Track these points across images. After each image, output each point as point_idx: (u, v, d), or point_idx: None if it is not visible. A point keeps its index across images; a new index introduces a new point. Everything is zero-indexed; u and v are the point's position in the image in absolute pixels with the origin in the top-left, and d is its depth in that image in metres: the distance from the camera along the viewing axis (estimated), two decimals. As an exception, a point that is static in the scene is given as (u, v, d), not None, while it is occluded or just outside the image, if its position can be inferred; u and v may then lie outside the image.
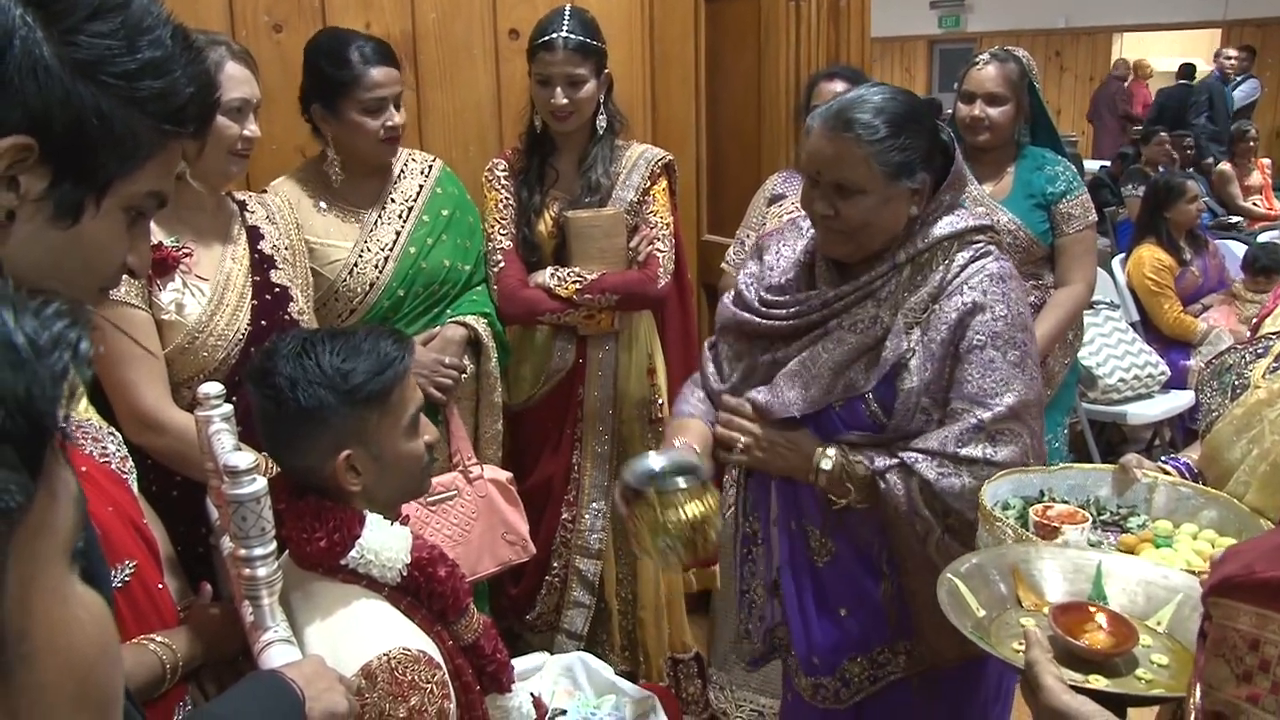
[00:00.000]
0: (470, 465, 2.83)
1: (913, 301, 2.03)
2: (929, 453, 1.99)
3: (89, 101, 1.00)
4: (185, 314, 2.23)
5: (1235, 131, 8.60)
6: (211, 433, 1.80)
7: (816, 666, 2.26)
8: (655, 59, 3.58)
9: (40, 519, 0.59)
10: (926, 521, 2.02)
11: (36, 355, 0.59)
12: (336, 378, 1.67)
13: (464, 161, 3.24)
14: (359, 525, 1.68)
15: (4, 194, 0.98)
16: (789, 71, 3.43)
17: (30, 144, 0.97)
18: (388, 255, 2.77)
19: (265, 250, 2.43)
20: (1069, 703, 1.26)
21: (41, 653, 0.59)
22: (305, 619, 1.68)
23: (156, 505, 2.00)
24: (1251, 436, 1.77)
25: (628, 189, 3.02)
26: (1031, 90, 3.44)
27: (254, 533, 1.54)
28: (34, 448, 0.58)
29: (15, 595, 0.57)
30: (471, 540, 2.78)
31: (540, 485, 3.13)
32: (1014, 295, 2.02)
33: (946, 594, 1.60)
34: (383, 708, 1.54)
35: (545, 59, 2.90)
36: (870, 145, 1.95)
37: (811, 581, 2.25)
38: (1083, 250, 3.45)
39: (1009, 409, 1.97)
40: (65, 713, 0.61)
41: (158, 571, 1.75)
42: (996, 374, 1.97)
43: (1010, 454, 1.97)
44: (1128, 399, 5.00)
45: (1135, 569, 1.62)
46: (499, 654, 1.85)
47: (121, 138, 1.03)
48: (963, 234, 2.06)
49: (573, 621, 3.17)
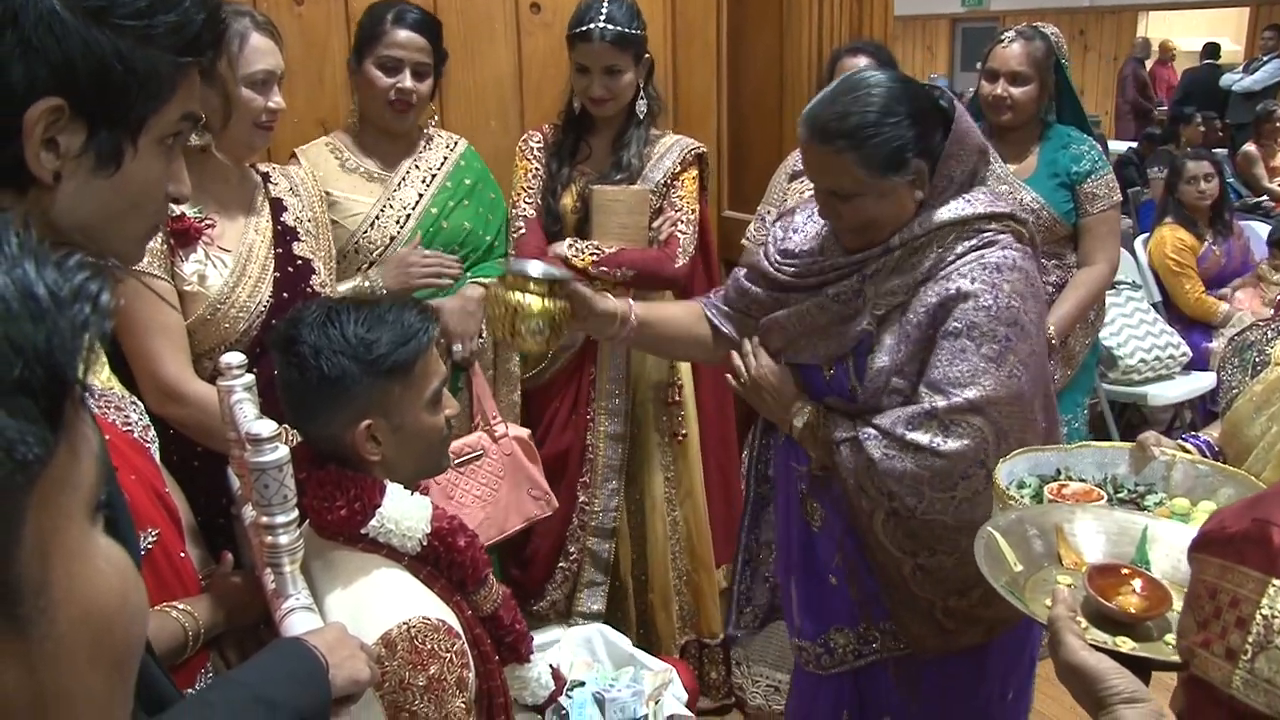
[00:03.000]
0: (495, 424, 2.85)
1: (894, 284, 2.02)
2: (879, 430, 1.98)
3: (108, 47, 1.00)
4: (207, 285, 2.25)
5: (1261, 112, 8.50)
6: (234, 402, 1.81)
7: (801, 629, 2.29)
8: (677, 34, 3.56)
9: (61, 473, 0.59)
10: (872, 500, 2.02)
11: (57, 306, 0.58)
12: (360, 347, 1.68)
13: (485, 136, 3.24)
14: (379, 495, 1.69)
15: (47, 157, 0.99)
16: (811, 48, 3.41)
17: (60, 104, 0.98)
18: (409, 213, 2.81)
19: (288, 222, 2.44)
20: (1086, 659, 1.27)
21: (60, 606, 0.59)
22: (325, 588, 1.69)
23: (178, 476, 2.01)
24: (1271, 414, 1.77)
25: (657, 171, 3.01)
26: (1059, 68, 3.40)
27: (276, 500, 1.56)
28: (54, 400, 0.58)
29: (34, 549, 0.57)
30: (500, 499, 2.81)
31: (554, 466, 3.12)
32: (1007, 288, 1.95)
33: (984, 547, 1.60)
34: (402, 676, 1.55)
35: (583, 49, 2.89)
36: (850, 153, 1.94)
37: (804, 544, 2.27)
38: (1107, 231, 3.42)
39: (969, 401, 1.92)
40: (80, 668, 0.61)
41: (180, 540, 1.77)
42: (965, 364, 1.93)
43: (961, 447, 1.93)
44: (1148, 380, 4.96)
45: (1182, 535, 1.62)
46: (518, 624, 1.86)
47: (145, 76, 1.03)
48: (967, 221, 2.00)
49: (590, 602, 3.18)
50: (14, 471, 0.55)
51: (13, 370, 0.56)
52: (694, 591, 3.31)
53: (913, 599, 2.12)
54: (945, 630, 2.13)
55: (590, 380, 3.12)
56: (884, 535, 2.04)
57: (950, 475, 1.94)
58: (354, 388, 1.68)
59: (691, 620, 3.33)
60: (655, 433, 3.17)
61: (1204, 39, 12.80)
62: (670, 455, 3.20)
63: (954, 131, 2.00)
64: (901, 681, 2.24)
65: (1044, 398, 2.07)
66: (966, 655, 2.18)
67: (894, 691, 2.25)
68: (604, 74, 2.89)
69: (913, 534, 2.03)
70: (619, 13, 2.88)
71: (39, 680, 0.58)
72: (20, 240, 0.60)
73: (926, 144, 1.98)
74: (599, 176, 3.00)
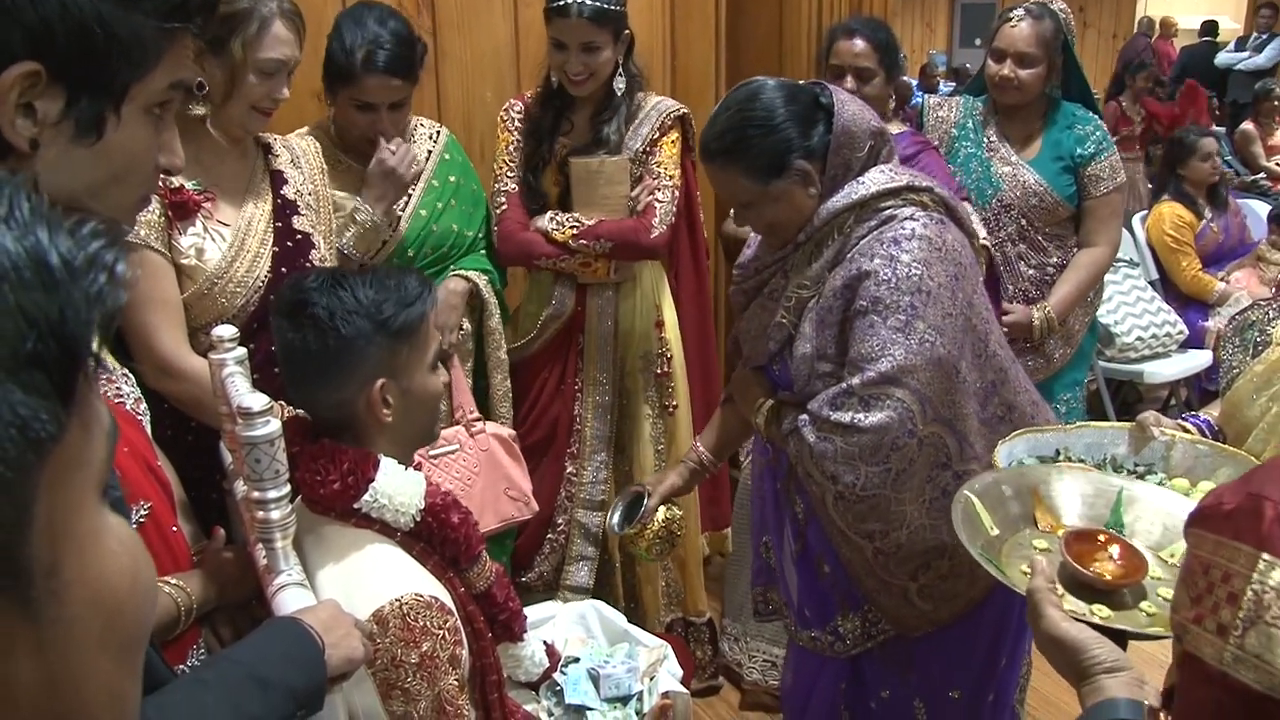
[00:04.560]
0: (472, 419, 2.83)
1: (809, 272, 2.09)
2: (811, 415, 2.05)
3: (88, 10, 0.97)
4: (205, 259, 2.22)
5: (1260, 91, 8.49)
6: (226, 375, 1.79)
7: (809, 619, 2.31)
8: (676, 7, 3.54)
9: (72, 451, 0.57)
10: (820, 484, 2.07)
11: (71, 276, 0.56)
12: (372, 308, 1.69)
13: (480, 107, 3.22)
14: (373, 469, 1.68)
15: (23, 123, 0.96)
16: (811, 21, 3.40)
17: (36, 69, 0.95)
18: (400, 216, 2.77)
19: (289, 195, 2.41)
20: (1068, 630, 1.30)
21: (72, 586, 0.57)
22: (318, 563, 1.68)
23: (171, 451, 2.00)
24: (1271, 394, 1.77)
25: (636, 139, 2.97)
26: (1066, 47, 3.36)
27: (268, 475, 1.54)
28: (66, 374, 0.56)
29: (46, 529, 0.55)
30: (473, 495, 2.77)
31: (542, 437, 3.11)
32: (906, 258, 1.99)
33: (961, 511, 1.62)
34: (395, 653, 1.55)
35: (559, 24, 2.81)
36: (732, 167, 2.06)
37: (797, 536, 2.31)
38: (1109, 213, 3.40)
39: (880, 374, 1.96)
40: (90, 651, 0.59)
41: (172, 514, 1.76)
42: (875, 339, 1.97)
43: (882, 419, 1.97)
44: (1145, 358, 4.96)
45: (1157, 499, 1.62)
46: (511, 602, 1.86)
47: (127, 43, 1.00)
48: (865, 203, 2.06)
49: (577, 575, 3.16)
50: (26, 449, 0.53)
51: (25, 343, 0.53)
52: (680, 568, 3.31)
53: (885, 584, 2.17)
54: (922, 610, 2.18)
55: (578, 351, 3.10)
56: (838, 519, 2.10)
57: (880, 448, 1.99)
58: (368, 348, 1.69)
59: (677, 598, 3.33)
60: (645, 404, 3.15)
61: (1204, 16, 12.73)
62: (661, 427, 3.19)
63: (836, 125, 2.06)
64: (893, 660, 2.26)
65: (975, 357, 2.08)
66: (954, 626, 2.21)
67: (888, 667, 2.28)
68: (581, 50, 2.82)
69: (861, 516, 2.07)
70: None
71: (49, 663, 0.57)
72: (32, 205, 0.57)
73: (808, 143, 2.05)
74: (579, 150, 2.96)
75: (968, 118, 3.44)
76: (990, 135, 3.39)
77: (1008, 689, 2.35)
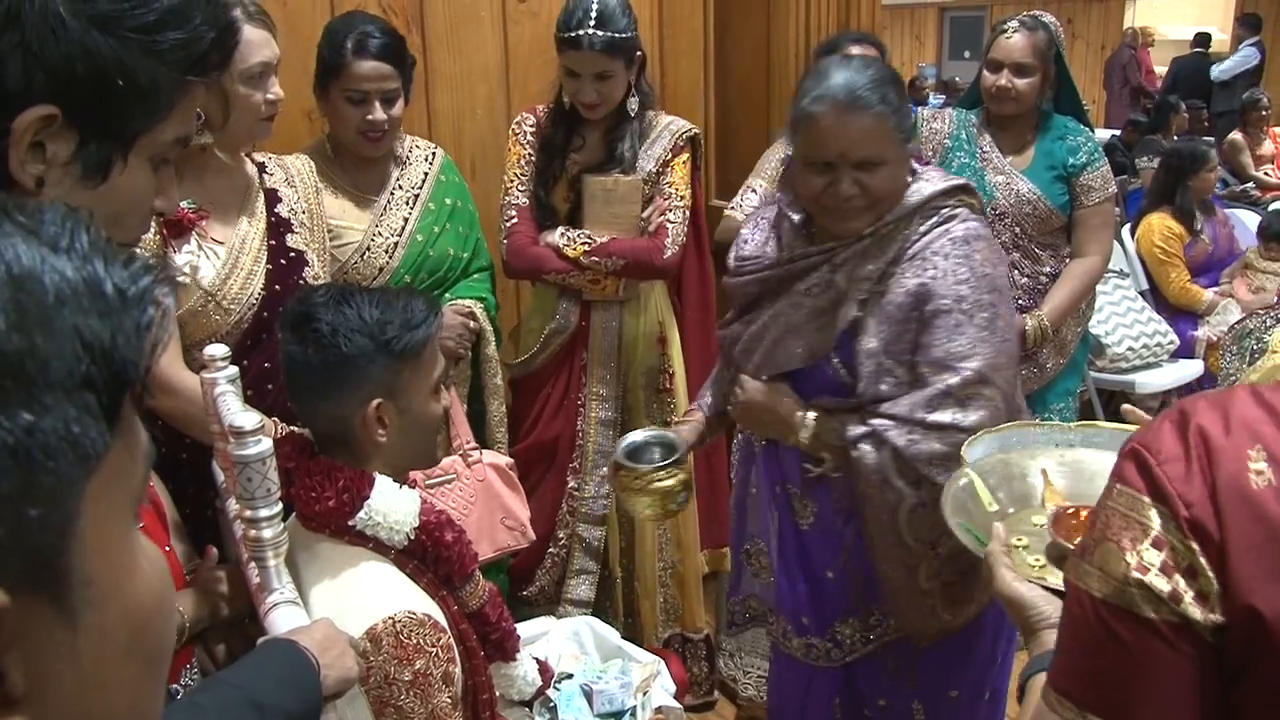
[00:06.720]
0: (469, 449, 2.81)
1: (868, 270, 2.04)
2: (898, 419, 2.01)
3: (110, 58, 0.98)
4: (199, 276, 2.23)
5: (1247, 101, 8.53)
6: (217, 394, 1.79)
7: (807, 627, 2.30)
8: (664, 24, 3.55)
9: (115, 470, 0.60)
10: (898, 492, 2.03)
11: (124, 305, 0.59)
12: (375, 328, 1.70)
13: (471, 125, 3.22)
14: (368, 487, 1.69)
15: (31, 163, 0.97)
16: (798, 37, 3.41)
17: (54, 113, 0.96)
18: (397, 241, 2.77)
19: (282, 214, 2.41)
20: (1017, 588, 1.39)
21: (106, 599, 0.60)
22: (311, 580, 1.69)
23: (165, 470, 2.00)
24: (1265, 402, 1.77)
25: (648, 159, 2.97)
26: (1058, 58, 3.40)
27: (259, 494, 1.54)
28: (115, 397, 0.59)
29: (86, 540, 0.58)
30: (469, 524, 2.72)
31: (544, 450, 3.11)
32: (979, 257, 2.01)
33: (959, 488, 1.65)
34: (388, 671, 1.55)
35: (572, 55, 2.80)
36: (889, 117, 1.98)
37: (796, 543, 2.29)
38: (1100, 223, 3.42)
39: (976, 373, 1.97)
40: (117, 661, 0.61)
41: (165, 533, 1.76)
42: (964, 338, 1.98)
43: (980, 418, 1.98)
44: (1136, 368, 4.96)
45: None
46: (504, 622, 1.86)
47: (145, 92, 1.02)
48: (929, 200, 2.06)
49: (578, 589, 3.16)
50: (76, 464, 0.56)
51: (80, 365, 0.56)
52: (679, 584, 3.30)
53: (915, 595, 2.13)
54: (942, 619, 2.16)
55: (581, 366, 3.10)
56: (907, 530, 2.05)
57: None
58: (369, 367, 1.70)
59: (675, 614, 3.32)
60: (647, 420, 3.14)
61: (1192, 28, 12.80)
62: None
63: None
64: (899, 667, 2.25)
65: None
66: (960, 632, 2.21)
67: (888, 675, 2.26)
68: (595, 80, 2.82)
69: (936, 523, 2.02)
70: (608, 14, 2.77)
71: (81, 667, 0.59)
72: (91, 237, 0.60)
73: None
74: (591, 165, 2.97)
75: (961, 129, 3.46)
76: (984, 145, 3.41)
77: (1003, 684, 2.35)
